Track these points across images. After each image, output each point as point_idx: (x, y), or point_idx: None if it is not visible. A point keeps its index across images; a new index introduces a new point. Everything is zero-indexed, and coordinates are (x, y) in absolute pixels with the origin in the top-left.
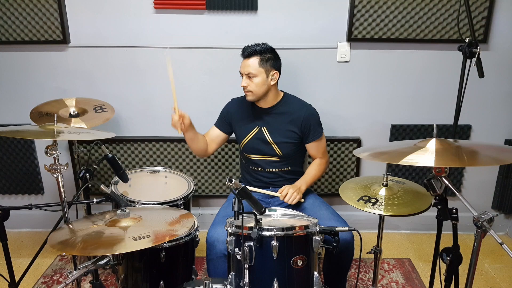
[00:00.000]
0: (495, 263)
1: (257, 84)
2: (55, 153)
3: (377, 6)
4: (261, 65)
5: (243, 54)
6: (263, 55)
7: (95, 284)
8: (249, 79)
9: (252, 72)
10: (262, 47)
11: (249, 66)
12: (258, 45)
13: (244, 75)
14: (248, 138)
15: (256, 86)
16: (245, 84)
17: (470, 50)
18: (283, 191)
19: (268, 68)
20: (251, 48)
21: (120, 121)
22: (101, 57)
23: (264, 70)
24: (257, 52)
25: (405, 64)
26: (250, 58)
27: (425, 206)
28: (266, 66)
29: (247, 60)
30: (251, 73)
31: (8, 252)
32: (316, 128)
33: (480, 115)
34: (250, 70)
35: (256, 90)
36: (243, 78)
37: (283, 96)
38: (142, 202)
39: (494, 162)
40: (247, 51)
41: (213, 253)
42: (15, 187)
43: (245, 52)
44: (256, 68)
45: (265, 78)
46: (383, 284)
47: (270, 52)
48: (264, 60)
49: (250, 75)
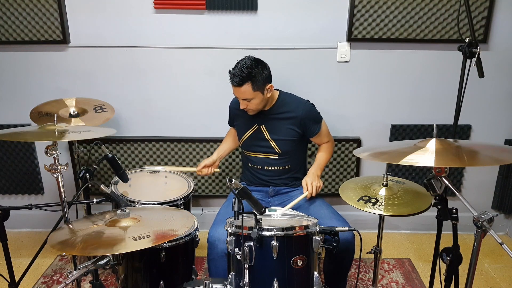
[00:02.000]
0: (495, 263)
1: (256, 103)
2: (55, 153)
3: (377, 6)
4: (255, 89)
5: (232, 82)
6: (253, 79)
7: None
8: (247, 102)
9: (248, 98)
10: (250, 70)
11: (243, 93)
12: (245, 68)
13: (241, 99)
14: (247, 135)
15: (256, 105)
16: (244, 106)
17: (470, 50)
18: (307, 188)
19: (262, 87)
20: (240, 76)
21: (120, 121)
22: (101, 57)
23: (259, 91)
24: (248, 78)
25: (405, 64)
26: (242, 86)
27: (425, 206)
28: (260, 86)
29: (239, 88)
30: (247, 98)
31: (8, 252)
32: (315, 124)
33: (480, 115)
34: (246, 96)
35: (256, 108)
36: (241, 101)
37: (279, 95)
38: (142, 202)
39: (494, 162)
40: (236, 80)
41: (214, 253)
42: (15, 187)
43: (234, 81)
44: (251, 93)
45: (261, 97)
46: (383, 284)
47: (257, 68)
48: (256, 82)
49: (247, 100)
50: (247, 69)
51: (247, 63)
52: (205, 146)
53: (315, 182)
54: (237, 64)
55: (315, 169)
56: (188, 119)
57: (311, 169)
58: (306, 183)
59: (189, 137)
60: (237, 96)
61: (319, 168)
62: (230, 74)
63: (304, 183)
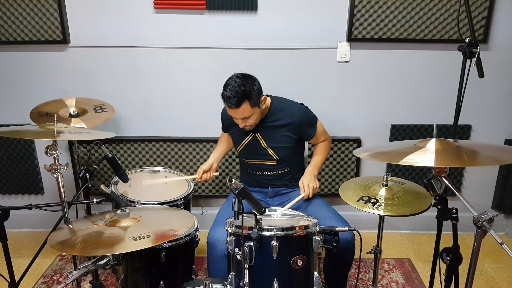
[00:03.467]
0: (495, 263)
1: (255, 119)
2: (55, 153)
3: (377, 6)
4: (253, 105)
5: (230, 105)
6: (249, 96)
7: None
8: (246, 119)
9: (247, 116)
10: (243, 88)
11: (242, 113)
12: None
13: (238, 118)
14: (243, 144)
15: (255, 120)
16: (243, 124)
17: (470, 50)
18: (304, 190)
19: (258, 102)
20: (236, 97)
21: (120, 121)
22: (101, 57)
23: (256, 106)
24: (244, 97)
25: (405, 64)
26: (240, 107)
27: (425, 206)
28: (256, 102)
29: (238, 109)
30: (246, 117)
31: (8, 252)
32: (311, 128)
33: (480, 115)
34: (245, 115)
35: (255, 123)
36: (239, 121)
37: (271, 102)
38: (142, 202)
39: (494, 162)
40: (233, 102)
41: (214, 254)
42: (15, 187)
43: (231, 103)
44: (250, 111)
45: (259, 111)
46: (383, 284)
47: (249, 84)
48: (253, 99)
49: (245, 118)
50: (239, 88)
51: (238, 82)
52: (204, 146)
53: (312, 183)
54: (227, 86)
55: (312, 168)
56: (188, 119)
57: (308, 169)
58: (303, 185)
59: (189, 137)
60: (235, 117)
61: (316, 167)
62: (225, 97)
63: (301, 184)
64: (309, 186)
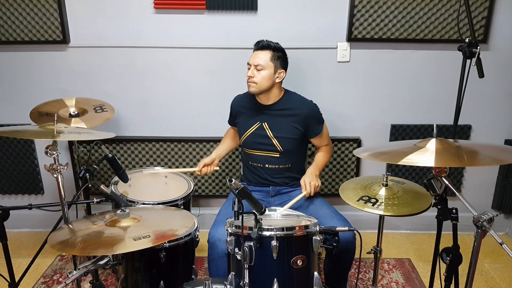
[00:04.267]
0: (495, 263)
1: (263, 76)
2: (55, 153)
3: (377, 6)
4: (271, 60)
5: (257, 46)
6: (275, 52)
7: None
8: (256, 71)
9: (261, 64)
10: (276, 45)
11: (260, 58)
12: (273, 42)
13: (252, 65)
14: (248, 133)
15: (262, 78)
16: (252, 74)
17: (470, 50)
18: (306, 188)
19: (277, 65)
20: (266, 42)
21: (120, 121)
22: (101, 57)
23: (273, 65)
24: (271, 47)
25: (405, 64)
26: (264, 51)
27: (425, 206)
28: (276, 62)
29: (260, 52)
30: (260, 65)
31: (8, 252)
32: (318, 124)
33: (480, 115)
34: (260, 62)
35: (260, 83)
36: (251, 68)
37: (284, 93)
38: (142, 202)
39: (494, 162)
40: (262, 43)
41: (214, 253)
42: (15, 187)
43: (259, 44)
44: (267, 62)
45: (272, 73)
46: (383, 284)
47: (282, 51)
48: (276, 56)
49: (258, 67)
50: (274, 43)
51: (276, 43)
52: (205, 146)
53: (314, 182)
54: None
55: (314, 169)
56: (188, 119)
57: (310, 169)
58: (304, 183)
59: (189, 137)
60: (252, 61)
61: (318, 168)
62: (257, 41)
63: (302, 182)
64: (310, 184)
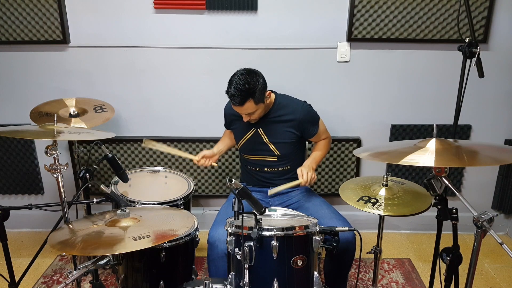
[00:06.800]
0: (495, 263)
1: (259, 113)
2: (55, 153)
3: (377, 6)
4: (257, 102)
5: (234, 103)
6: (253, 94)
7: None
8: (249, 115)
9: (251, 112)
10: (248, 86)
11: (246, 109)
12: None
13: (243, 114)
14: (245, 139)
15: (259, 114)
16: (247, 119)
17: (470, 50)
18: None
19: (262, 98)
20: (240, 95)
21: (120, 121)
22: (101, 57)
23: (261, 103)
24: (248, 95)
25: (405, 64)
26: (244, 104)
27: (425, 206)
28: (260, 98)
29: (242, 106)
30: (250, 113)
31: (8, 252)
32: (313, 126)
33: (480, 115)
34: (249, 111)
35: (259, 116)
36: (244, 115)
37: (275, 98)
38: (142, 202)
39: (494, 162)
40: (238, 100)
41: (214, 253)
42: (15, 187)
43: (235, 101)
44: (254, 107)
45: (263, 105)
46: (383, 284)
47: (253, 82)
48: (257, 96)
49: (250, 113)
50: (244, 86)
51: (242, 80)
52: (205, 146)
53: (310, 173)
54: (231, 83)
55: (311, 161)
56: (188, 119)
57: (307, 162)
58: (301, 172)
59: (189, 137)
60: (240, 112)
61: (315, 161)
62: (229, 95)
63: (299, 171)
64: (308, 174)
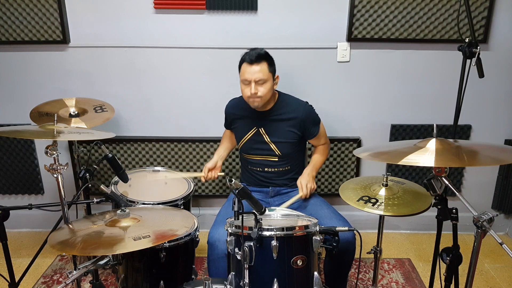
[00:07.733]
0: (495, 263)
1: (266, 89)
2: (55, 153)
3: (377, 6)
4: (270, 70)
5: (250, 60)
6: (269, 60)
7: (95, 284)
8: (257, 86)
9: (263, 78)
10: (266, 52)
11: (259, 71)
12: (260, 50)
13: (252, 81)
14: (246, 139)
15: (265, 91)
16: (255, 91)
17: (470, 50)
18: (302, 189)
19: (274, 72)
20: (258, 53)
21: (120, 121)
22: (101, 57)
23: (272, 75)
24: (265, 57)
25: (405, 64)
26: (260, 63)
27: (425, 206)
28: (273, 69)
29: (256, 65)
30: (261, 79)
31: (8, 252)
32: (314, 126)
33: (480, 115)
34: (261, 76)
35: (265, 96)
36: (252, 85)
37: (278, 96)
38: (142, 202)
39: (494, 162)
40: (255, 56)
41: (214, 254)
42: (15, 187)
43: (252, 57)
44: (267, 73)
45: (272, 83)
46: (383, 284)
47: (271, 57)
48: (271, 65)
49: (260, 82)
50: (262, 51)
51: (260, 49)
52: (204, 146)
53: (310, 184)
54: (250, 51)
55: (310, 169)
56: (188, 119)
57: (306, 170)
58: (301, 185)
59: (189, 137)
60: (250, 77)
61: (315, 169)
62: (245, 54)
63: (299, 184)
64: (307, 187)
